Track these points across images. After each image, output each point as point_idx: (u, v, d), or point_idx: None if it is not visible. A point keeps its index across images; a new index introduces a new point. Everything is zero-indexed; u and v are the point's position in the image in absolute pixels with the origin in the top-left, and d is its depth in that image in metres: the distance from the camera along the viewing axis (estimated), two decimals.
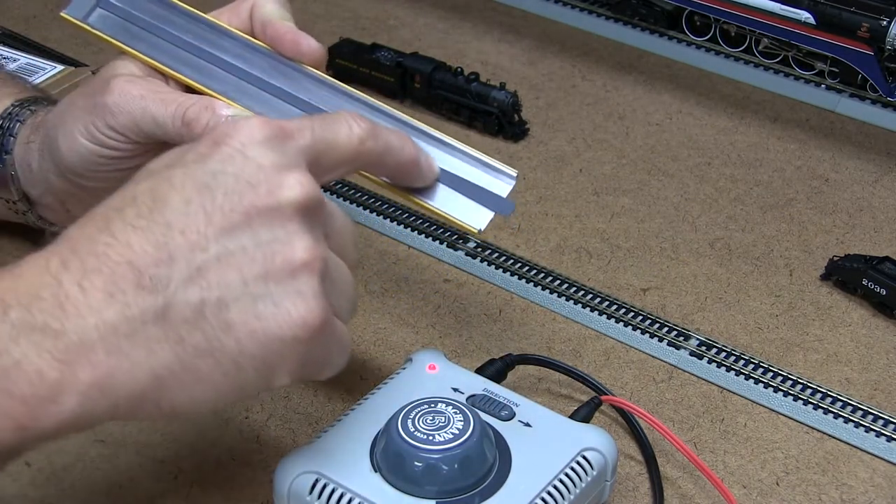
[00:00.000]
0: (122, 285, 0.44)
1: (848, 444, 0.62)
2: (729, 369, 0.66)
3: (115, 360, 0.43)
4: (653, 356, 0.67)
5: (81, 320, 0.43)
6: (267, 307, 0.44)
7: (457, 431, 0.51)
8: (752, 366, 0.66)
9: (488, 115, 0.87)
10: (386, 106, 0.57)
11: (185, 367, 0.44)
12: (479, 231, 0.56)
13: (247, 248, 0.45)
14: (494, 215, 0.56)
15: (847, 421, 0.63)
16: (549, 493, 0.51)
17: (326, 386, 0.64)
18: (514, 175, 0.56)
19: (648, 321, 0.69)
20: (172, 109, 0.56)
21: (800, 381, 0.65)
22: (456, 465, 0.51)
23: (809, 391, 0.65)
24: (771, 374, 0.66)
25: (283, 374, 0.46)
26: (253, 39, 0.59)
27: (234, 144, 0.46)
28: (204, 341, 0.44)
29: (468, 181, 0.56)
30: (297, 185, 0.46)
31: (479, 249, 0.75)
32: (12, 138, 0.63)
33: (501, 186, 0.56)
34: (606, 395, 0.61)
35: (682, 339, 0.68)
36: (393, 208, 0.77)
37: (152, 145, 0.58)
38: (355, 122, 0.51)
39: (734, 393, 0.65)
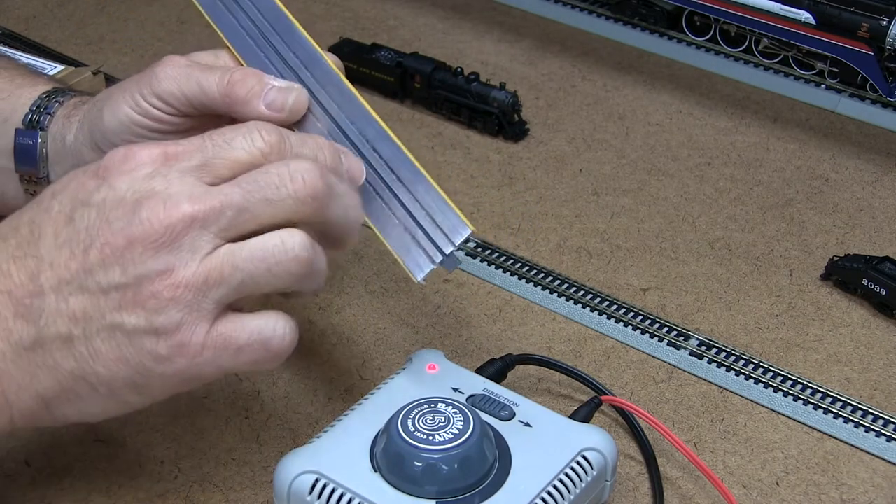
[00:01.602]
0: (4, 313, 0.47)
1: (848, 444, 0.62)
2: (729, 369, 0.66)
3: (5, 382, 0.47)
4: (653, 356, 0.67)
5: None
6: (123, 335, 0.47)
7: (457, 431, 0.51)
8: (752, 366, 0.66)
9: (488, 115, 0.87)
10: (387, 129, 0.57)
11: (65, 389, 0.47)
12: (418, 282, 0.54)
13: (101, 283, 0.47)
14: (435, 268, 0.54)
15: (847, 421, 0.63)
16: (549, 493, 0.51)
17: (326, 386, 0.64)
18: (468, 231, 0.54)
19: (648, 321, 0.69)
20: (219, 74, 0.58)
21: (800, 381, 0.65)
22: (456, 465, 0.51)
23: (809, 391, 0.65)
24: (771, 374, 0.66)
25: (159, 391, 0.49)
26: (323, 54, 0.59)
27: (111, 173, 0.48)
28: (77, 367, 0.47)
29: (422, 227, 0.55)
30: (155, 215, 0.47)
31: (479, 249, 0.75)
32: (49, 116, 0.65)
33: (452, 238, 0.54)
34: (606, 395, 0.61)
35: (682, 339, 0.68)
36: None
37: (194, 123, 0.60)
38: (259, 133, 0.50)
39: (734, 393, 0.65)
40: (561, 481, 0.52)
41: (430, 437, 0.51)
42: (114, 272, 0.47)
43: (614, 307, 0.70)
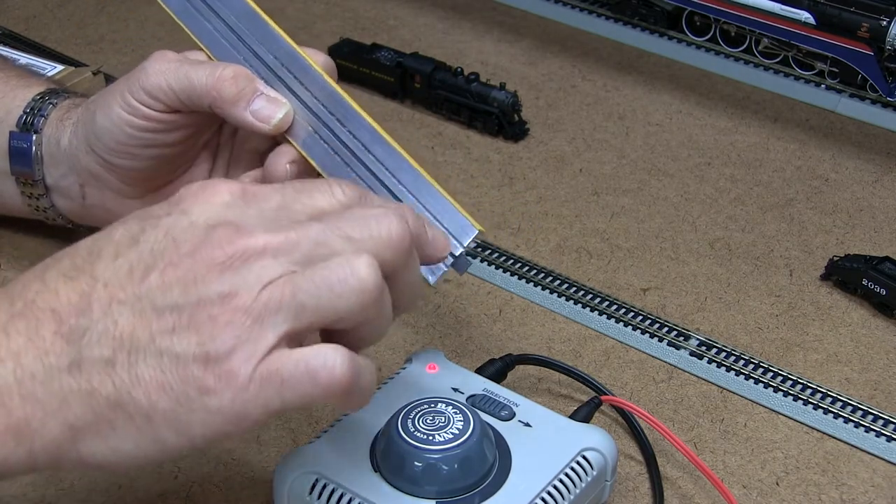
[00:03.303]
0: (43, 332, 0.44)
1: (848, 444, 0.62)
2: (729, 369, 0.66)
3: (30, 407, 0.43)
4: (653, 356, 0.67)
5: (4, 362, 0.43)
6: (170, 361, 0.43)
7: (457, 431, 0.51)
8: (752, 366, 0.66)
9: (488, 115, 0.87)
10: (382, 132, 0.57)
11: (98, 418, 0.43)
12: (432, 285, 0.54)
13: (157, 304, 0.44)
14: (446, 271, 0.54)
15: (847, 421, 0.63)
16: (549, 493, 0.51)
17: None
18: (475, 232, 0.54)
19: (648, 321, 0.69)
20: (209, 69, 0.58)
21: (800, 381, 0.65)
22: (456, 465, 0.51)
23: (809, 391, 0.65)
24: (771, 374, 0.66)
25: (199, 431, 0.44)
26: (305, 55, 0.59)
27: (184, 201, 0.46)
28: (115, 393, 0.43)
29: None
30: (227, 238, 0.45)
31: (479, 249, 0.75)
32: (43, 118, 0.65)
33: (461, 240, 0.54)
34: (606, 395, 0.61)
35: (682, 339, 0.68)
36: None
37: (185, 121, 0.60)
38: (339, 187, 0.48)
39: (734, 393, 0.65)
40: (561, 481, 0.52)
41: (430, 437, 0.51)
42: (173, 293, 0.44)
43: (614, 307, 0.70)
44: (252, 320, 0.43)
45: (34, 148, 0.64)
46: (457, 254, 0.54)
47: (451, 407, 0.53)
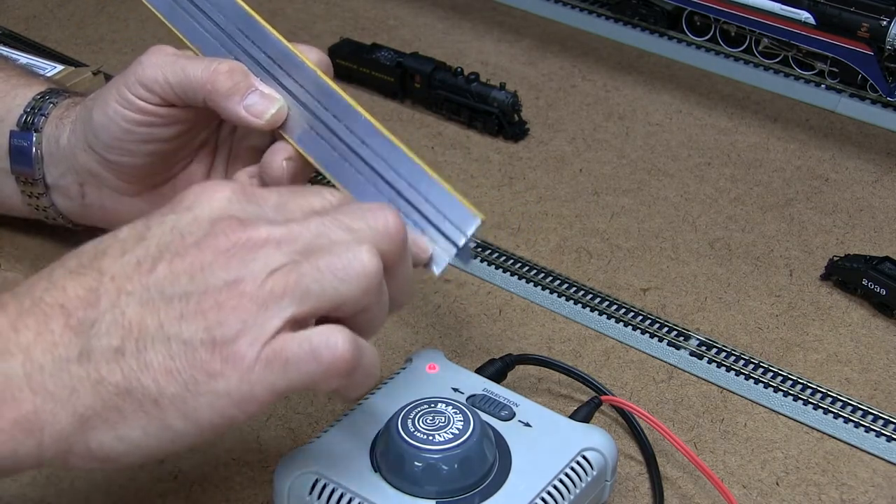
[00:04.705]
0: (52, 325, 0.45)
1: (848, 444, 0.62)
2: (729, 369, 0.66)
3: (39, 399, 0.44)
4: (653, 356, 0.67)
5: (10, 358, 0.44)
6: (178, 346, 0.45)
7: (457, 431, 0.51)
8: (752, 366, 0.66)
9: (488, 115, 0.87)
10: (378, 125, 0.56)
11: (108, 407, 0.44)
12: (437, 275, 0.53)
13: (165, 293, 0.45)
14: (450, 261, 0.53)
15: (847, 421, 0.63)
16: (549, 493, 0.51)
17: None
18: (478, 221, 0.53)
19: (648, 321, 0.69)
20: (205, 63, 0.58)
21: (800, 381, 0.65)
22: (456, 465, 0.51)
23: (809, 391, 0.65)
24: (771, 374, 0.66)
25: (206, 415, 0.45)
26: (295, 51, 0.59)
27: (187, 199, 0.48)
28: (123, 380, 0.44)
29: (432, 222, 0.53)
30: (232, 230, 0.46)
31: (480, 249, 0.75)
32: (43, 117, 0.65)
33: (464, 230, 0.53)
34: (606, 395, 0.61)
35: (682, 339, 0.68)
36: None
37: (179, 116, 0.60)
38: (330, 194, 0.50)
39: (734, 393, 0.65)
40: (561, 481, 0.52)
41: (430, 437, 0.51)
42: (180, 282, 0.45)
43: (614, 307, 0.70)
44: (257, 306, 0.45)
45: (34, 147, 0.65)
46: (460, 244, 0.53)
47: (451, 407, 0.53)
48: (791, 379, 0.65)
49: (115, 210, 0.65)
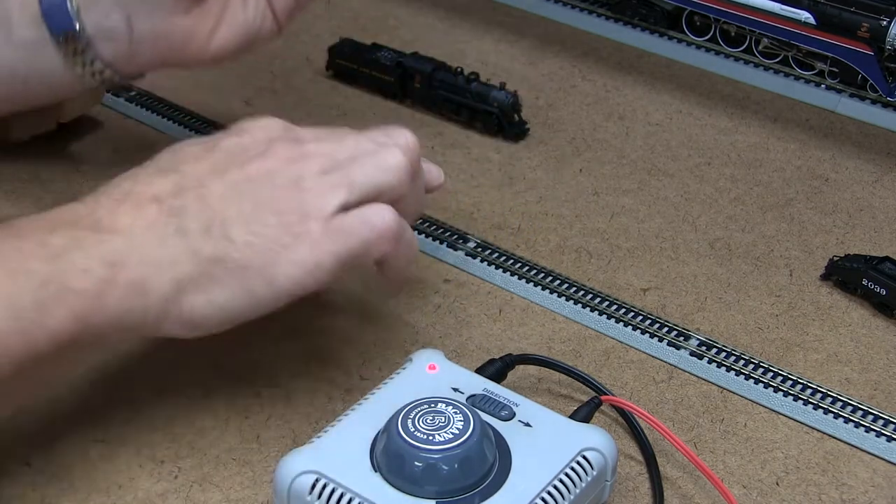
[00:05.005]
0: (147, 210, 0.54)
1: (848, 444, 0.62)
2: (729, 369, 0.66)
3: (144, 267, 0.53)
4: (653, 356, 0.67)
5: (118, 234, 0.53)
6: (256, 226, 0.55)
7: (457, 431, 0.51)
8: (752, 366, 0.66)
9: (488, 115, 0.87)
10: None
11: (202, 273, 0.54)
12: None
13: (238, 185, 0.56)
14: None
15: (847, 421, 0.63)
16: (549, 493, 0.51)
17: (326, 386, 0.64)
18: None
19: (648, 321, 0.69)
20: None
21: (800, 381, 0.65)
22: (456, 465, 0.51)
23: (809, 391, 0.65)
24: (771, 374, 0.66)
25: (283, 281, 0.55)
26: None
27: (245, 129, 0.59)
28: (214, 252, 0.54)
29: None
30: (285, 146, 0.58)
31: (479, 249, 0.75)
32: None
33: None
34: (606, 395, 0.61)
35: (682, 339, 0.68)
36: None
37: None
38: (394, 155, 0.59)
39: (734, 393, 0.65)
40: (561, 481, 0.52)
41: (430, 437, 0.51)
42: (251, 181, 0.56)
43: (614, 307, 0.70)
44: (316, 195, 0.56)
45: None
46: None
47: (451, 407, 0.53)
48: (791, 379, 0.65)
49: (167, 34, 0.68)
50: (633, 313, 0.70)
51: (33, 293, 0.50)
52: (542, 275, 0.73)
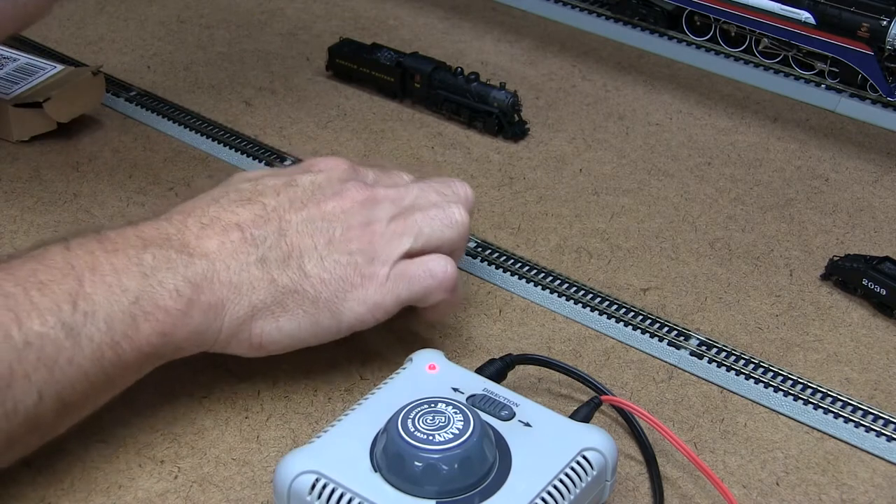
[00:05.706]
0: (231, 237, 0.58)
1: (848, 444, 0.62)
2: (729, 369, 0.66)
3: (226, 290, 0.57)
4: (653, 356, 0.67)
5: (205, 258, 0.57)
6: (329, 262, 0.59)
7: (457, 431, 0.51)
8: (752, 366, 0.66)
9: (488, 115, 0.87)
10: None
11: (275, 302, 0.58)
12: None
13: (314, 221, 0.60)
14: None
15: (847, 421, 0.63)
16: (549, 493, 0.51)
17: (326, 386, 0.64)
18: None
19: (648, 321, 0.69)
20: None
21: (800, 381, 0.65)
22: (456, 465, 0.50)
23: (809, 391, 0.65)
24: (771, 374, 0.66)
25: (347, 316, 0.60)
26: None
27: (318, 167, 0.64)
28: (290, 282, 0.59)
29: None
30: (357, 189, 0.62)
31: (480, 249, 0.75)
32: None
33: None
34: (606, 395, 0.61)
35: (682, 339, 0.68)
36: None
37: None
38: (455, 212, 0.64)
39: (734, 393, 0.65)
40: (561, 481, 0.52)
41: (430, 437, 0.51)
42: (327, 219, 0.60)
43: (614, 307, 0.70)
44: (385, 241, 0.61)
45: None
46: None
47: (451, 407, 0.53)
48: (791, 379, 0.66)
49: None
50: (633, 313, 0.70)
51: (127, 308, 0.54)
52: (542, 275, 0.73)
